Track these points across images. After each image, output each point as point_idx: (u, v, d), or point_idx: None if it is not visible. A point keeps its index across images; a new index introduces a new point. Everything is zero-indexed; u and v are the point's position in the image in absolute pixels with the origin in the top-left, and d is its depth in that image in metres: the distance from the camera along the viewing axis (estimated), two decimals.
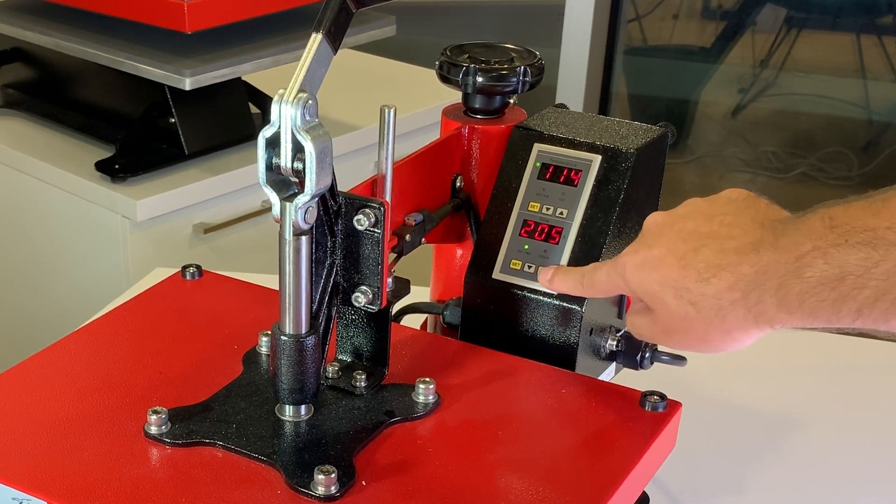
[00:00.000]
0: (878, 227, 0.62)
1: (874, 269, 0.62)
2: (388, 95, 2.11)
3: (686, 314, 0.72)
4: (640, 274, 0.74)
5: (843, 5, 3.46)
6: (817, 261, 0.64)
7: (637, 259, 0.75)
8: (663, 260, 0.73)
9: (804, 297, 0.65)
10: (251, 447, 0.73)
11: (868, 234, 0.62)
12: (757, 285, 0.68)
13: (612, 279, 0.78)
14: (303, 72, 0.68)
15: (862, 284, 0.63)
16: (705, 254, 0.70)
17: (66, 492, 0.68)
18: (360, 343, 0.81)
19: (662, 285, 0.72)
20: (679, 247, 0.72)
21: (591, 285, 0.80)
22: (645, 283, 0.74)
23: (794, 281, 0.65)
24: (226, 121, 1.85)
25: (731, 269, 0.69)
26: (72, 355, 0.85)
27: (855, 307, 0.63)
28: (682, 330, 0.73)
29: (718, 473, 1.03)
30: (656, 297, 0.73)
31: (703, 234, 0.72)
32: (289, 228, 0.70)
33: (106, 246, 1.78)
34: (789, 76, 3.52)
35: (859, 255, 0.62)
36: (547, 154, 0.89)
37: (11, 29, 1.88)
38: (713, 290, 0.70)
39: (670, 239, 0.73)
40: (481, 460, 0.73)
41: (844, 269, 0.63)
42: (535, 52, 0.94)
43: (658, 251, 0.73)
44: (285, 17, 1.83)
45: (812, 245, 0.65)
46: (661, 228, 0.75)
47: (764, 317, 0.68)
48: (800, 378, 1.19)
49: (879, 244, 0.62)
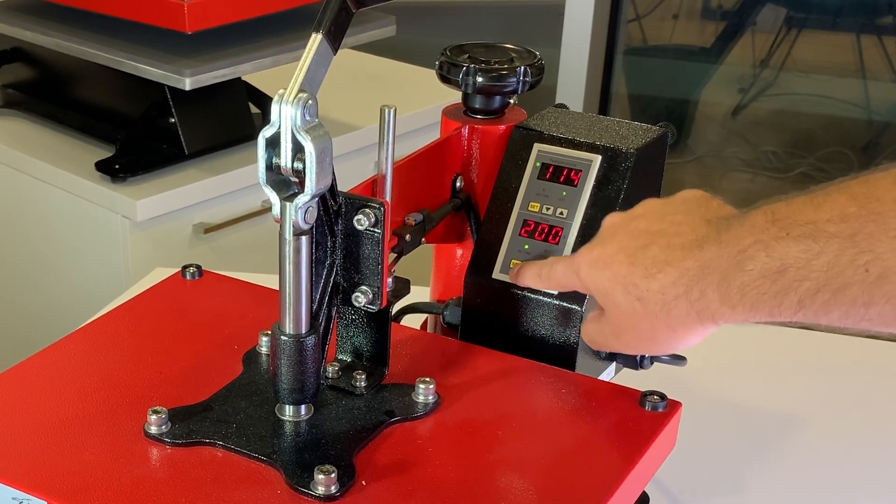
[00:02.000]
0: (818, 220, 0.63)
1: (814, 261, 0.63)
2: (388, 95, 2.11)
3: (633, 310, 0.73)
4: (592, 271, 0.76)
5: (843, 5, 3.46)
6: (759, 254, 0.65)
7: (591, 257, 0.77)
8: (614, 257, 0.74)
9: (746, 289, 0.66)
10: (251, 447, 0.73)
11: (809, 227, 0.63)
12: (699, 279, 0.69)
13: (567, 275, 0.80)
14: (303, 72, 0.68)
15: (803, 276, 0.63)
16: (653, 251, 0.72)
17: (66, 492, 0.68)
18: (360, 343, 0.82)
19: (612, 282, 0.74)
20: (630, 244, 0.74)
21: (549, 278, 0.82)
22: (597, 281, 0.76)
23: (736, 274, 0.66)
24: (226, 121, 1.85)
25: (676, 265, 0.70)
26: (72, 355, 0.85)
27: (796, 299, 0.64)
28: (630, 328, 0.75)
29: (718, 473, 1.03)
30: (607, 294, 0.75)
31: (653, 232, 0.73)
32: (289, 228, 0.70)
33: (106, 246, 1.78)
34: (789, 76, 3.52)
35: (800, 248, 0.63)
36: (547, 154, 0.89)
37: (11, 29, 1.88)
38: (658, 285, 0.71)
39: (622, 238, 0.75)
40: (481, 460, 0.73)
41: (785, 261, 0.64)
42: (535, 52, 0.94)
43: (610, 249, 0.75)
44: (285, 17, 1.83)
45: (754, 238, 0.66)
46: (615, 228, 0.77)
47: (707, 312, 0.69)
48: (800, 378, 1.19)
49: (820, 236, 0.63)
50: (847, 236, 0.62)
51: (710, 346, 1.21)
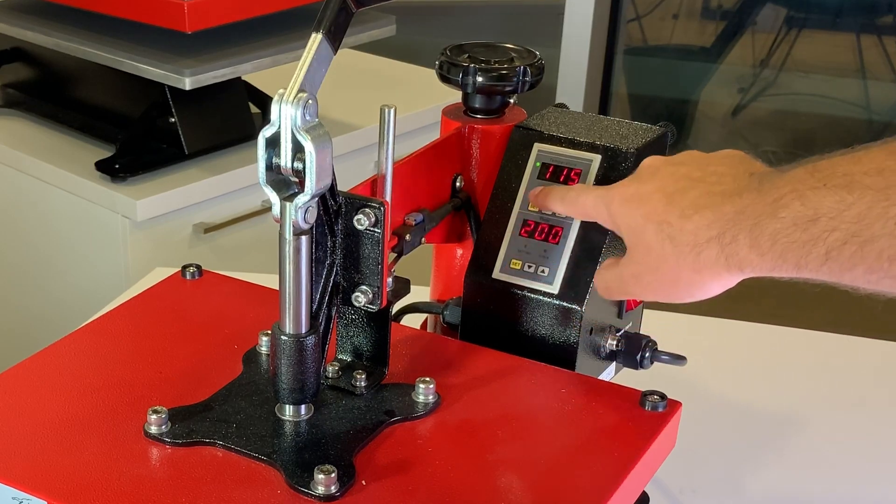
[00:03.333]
0: (855, 172, 0.63)
1: (846, 212, 0.63)
2: (388, 95, 2.11)
3: (662, 249, 0.73)
4: (626, 207, 0.76)
5: (843, 5, 3.47)
6: (794, 202, 0.65)
7: (628, 192, 0.77)
8: (651, 196, 0.75)
9: (777, 237, 0.66)
10: (251, 447, 0.73)
11: (845, 179, 0.64)
12: (734, 224, 0.69)
13: (597, 206, 0.79)
14: (303, 72, 0.68)
15: (833, 227, 0.63)
16: (692, 194, 0.73)
17: (66, 491, 0.68)
18: (360, 343, 0.82)
19: (646, 219, 0.74)
20: (669, 186, 0.74)
21: (574, 203, 0.82)
22: (629, 216, 0.76)
23: (769, 221, 0.67)
24: (226, 121, 1.85)
25: (713, 209, 0.71)
26: (72, 355, 0.85)
27: (824, 250, 0.64)
28: (654, 268, 0.74)
29: (718, 473, 1.03)
30: (637, 230, 0.75)
31: (695, 178, 0.74)
32: (289, 228, 0.70)
33: (106, 246, 1.78)
34: (789, 76, 3.52)
35: (834, 198, 0.63)
36: (547, 154, 0.89)
37: (11, 29, 1.88)
38: (692, 226, 0.71)
39: (662, 178, 0.75)
40: (481, 460, 0.73)
41: (819, 210, 0.64)
42: (535, 51, 0.94)
43: (648, 187, 0.75)
44: (285, 17, 1.83)
45: (791, 188, 0.66)
46: (655, 169, 0.77)
47: (735, 258, 0.69)
48: (800, 378, 1.19)
49: (855, 187, 0.63)
50: (881, 188, 0.62)
51: (711, 346, 1.22)
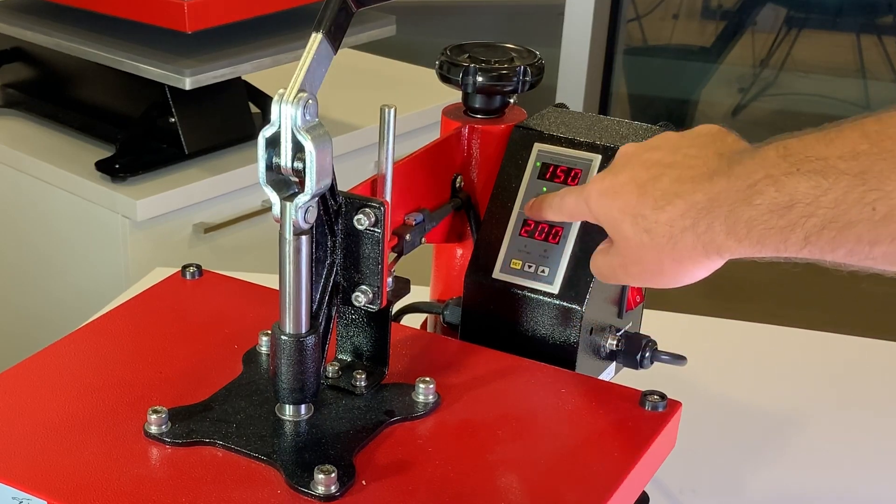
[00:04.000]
0: (829, 155, 0.63)
1: (822, 198, 0.62)
2: (388, 95, 2.11)
3: (641, 242, 0.73)
4: (602, 200, 0.76)
5: (843, 5, 3.47)
6: (768, 188, 0.65)
7: (602, 185, 0.76)
8: (625, 187, 0.74)
9: (753, 224, 0.66)
10: (251, 447, 0.73)
11: (819, 163, 0.63)
12: (707, 213, 0.68)
13: (578, 204, 0.79)
14: (303, 72, 0.68)
15: (810, 213, 0.63)
16: (663, 182, 0.72)
17: (66, 491, 0.68)
18: (360, 343, 0.82)
19: (622, 212, 0.74)
20: (641, 175, 0.73)
21: (560, 208, 0.82)
22: (606, 210, 0.75)
23: (744, 208, 0.66)
24: (226, 121, 1.85)
25: (685, 197, 0.70)
26: (71, 355, 0.85)
27: (802, 235, 0.64)
28: (637, 260, 0.74)
29: (718, 473, 1.03)
30: (615, 224, 0.75)
31: (666, 164, 0.73)
32: (289, 228, 0.70)
33: (106, 246, 1.78)
34: (789, 76, 3.52)
35: (809, 184, 0.63)
36: (547, 154, 0.89)
37: (11, 29, 1.88)
38: (666, 217, 0.71)
39: (635, 167, 0.75)
40: (481, 460, 0.73)
41: (794, 196, 0.63)
42: (535, 51, 0.94)
43: (622, 178, 0.75)
44: (285, 17, 1.83)
45: (764, 173, 0.65)
46: (629, 158, 0.76)
47: (713, 245, 0.69)
48: (800, 378, 1.19)
49: (830, 172, 0.62)
50: (856, 173, 0.61)
51: (711, 346, 1.22)
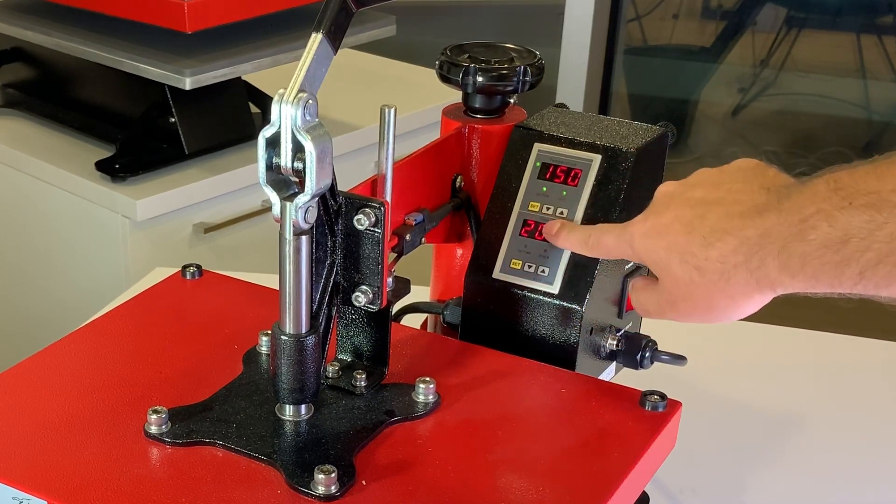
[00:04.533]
0: (882, 189, 0.62)
1: (878, 232, 0.62)
2: (388, 95, 2.11)
3: (691, 280, 0.72)
4: (647, 241, 0.75)
5: (843, 5, 3.46)
6: (821, 223, 0.64)
7: (645, 227, 0.76)
8: (670, 227, 0.74)
9: (807, 259, 0.65)
10: (251, 447, 0.73)
11: (872, 197, 0.62)
12: (759, 248, 0.68)
13: (619, 245, 0.79)
14: (303, 72, 0.68)
15: (865, 247, 0.62)
16: (711, 219, 0.71)
17: (66, 491, 0.68)
18: (360, 343, 0.82)
19: (668, 252, 0.73)
20: (686, 213, 0.73)
21: (597, 245, 0.81)
22: (651, 251, 0.75)
23: (798, 243, 0.65)
24: (226, 121, 1.85)
25: (735, 233, 0.69)
26: (72, 355, 0.85)
27: (857, 270, 0.63)
28: (687, 297, 0.73)
29: (718, 473, 1.03)
30: (662, 263, 0.74)
31: (710, 200, 0.72)
32: (289, 228, 0.70)
33: (106, 246, 1.78)
34: (789, 76, 3.52)
35: (863, 218, 0.62)
36: (547, 154, 0.89)
37: (11, 29, 1.88)
38: (717, 254, 0.70)
39: (678, 207, 0.74)
40: (481, 460, 0.73)
41: (848, 231, 0.63)
42: (535, 51, 0.94)
43: (666, 218, 0.74)
44: (285, 17, 1.83)
45: (816, 208, 0.65)
46: (670, 197, 0.76)
47: (766, 280, 0.68)
48: (800, 378, 1.19)
49: (884, 206, 0.62)
50: None
51: (710, 346, 1.22)
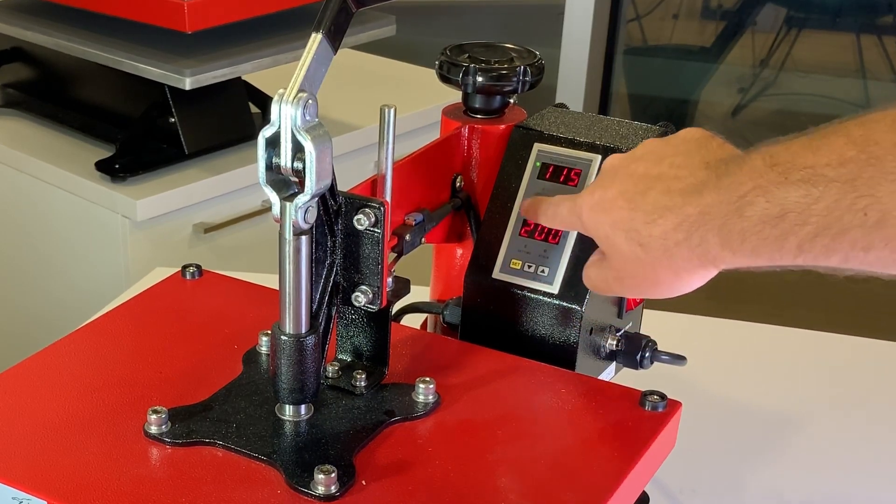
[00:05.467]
0: (817, 164, 0.63)
1: (814, 206, 0.63)
2: (388, 95, 2.11)
3: (636, 256, 0.73)
4: (594, 215, 0.76)
5: (843, 5, 3.47)
6: (758, 199, 0.65)
7: (592, 199, 0.76)
8: (614, 202, 0.74)
9: (746, 235, 0.66)
10: (251, 447, 0.73)
11: (807, 172, 0.63)
12: (700, 225, 0.69)
13: (570, 217, 0.80)
14: (303, 72, 0.68)
15: (802, 221, 0.63)
16: (652, 195, 0.72)
17: (66, 491, 0.68)
18: (360, 343, 0.82)
19: (614, 227, 0.74)
20: (629, 188, 0.74)
21: (554, 216, 0.82)
22: (598, 226, 0.76)
23: (736, 220, 0.66)
24: (226, 121, 1.85)
25: (676, 211, 0.70)
26: (71, 355, 0.85)
27: (796, 243, 0.64)
28: (633, 274, 0.75)
29: (718, 473, 1.03)
30: (608, 239, 0.75)
31: (652, 176, 0.73)
32: (289, 228, 0.70)
33: (106, 246, 1.78)
34: (789, 76, 3.52)
35: (799, 193, 0.63)
36: (547, 154, 0.89)
37: (11, 29, 1.88)
38: (659, 231, 0.71)
39: (622, 180, 0.75)
40: (481, 460, 0.73)
41: (785, 206, 0.64)
42: (535, 52, 0.94)
43: (611, 192, 0.75)
44: (285, 17, 1.83)
45: (753, 184, 0.66)
46: (615, 170, 0.76)
47: (708, 256, 0.69)
48: (800, 378, 1.19)
49: (819, 181, 0.62)
50: (846, 181, 0.61)
51: (710, 346, 1.22)
